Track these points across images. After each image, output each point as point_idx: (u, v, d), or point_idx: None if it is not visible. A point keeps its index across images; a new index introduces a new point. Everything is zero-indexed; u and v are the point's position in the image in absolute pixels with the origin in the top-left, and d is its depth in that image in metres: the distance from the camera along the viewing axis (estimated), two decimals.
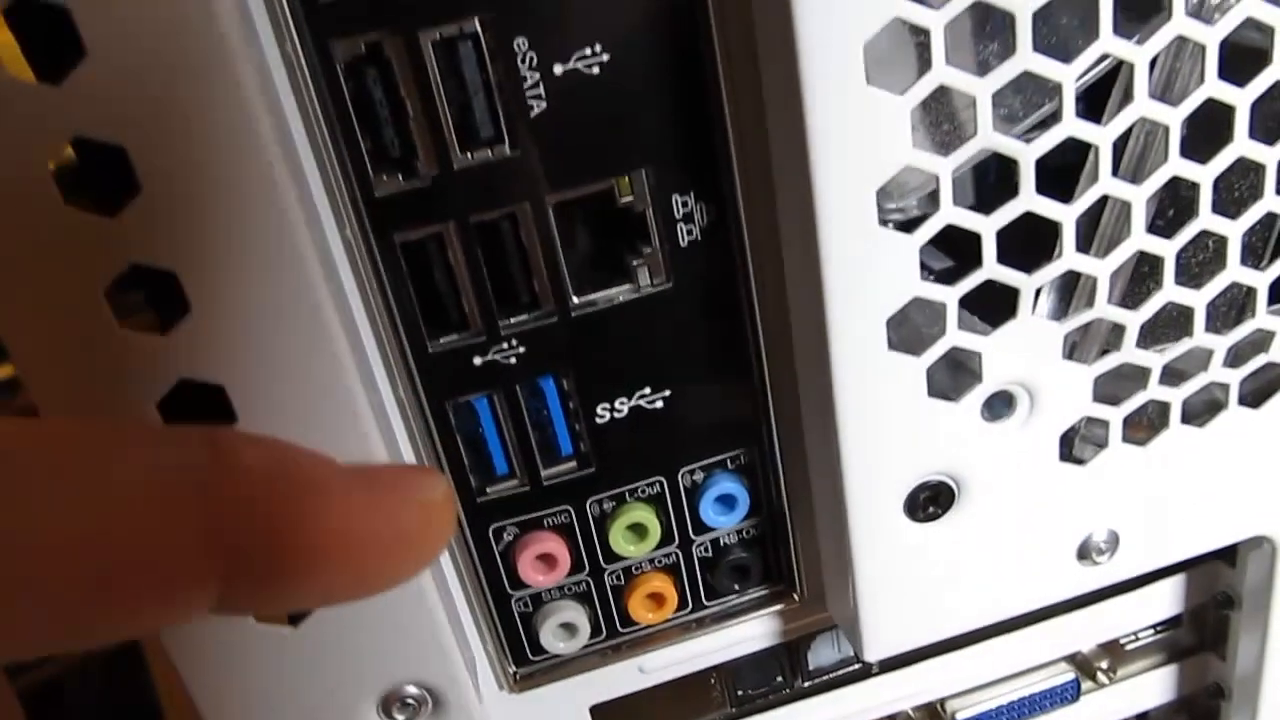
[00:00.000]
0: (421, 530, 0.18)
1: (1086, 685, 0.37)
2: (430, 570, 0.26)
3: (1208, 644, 0.38)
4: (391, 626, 0.26)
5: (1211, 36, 0.24)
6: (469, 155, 0.24)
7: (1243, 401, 0.29)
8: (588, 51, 0.23)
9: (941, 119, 0.26)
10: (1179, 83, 0.25)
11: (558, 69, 0.23)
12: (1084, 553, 0.30)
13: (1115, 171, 0.25)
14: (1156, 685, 0.38)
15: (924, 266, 0.29)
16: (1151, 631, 0.38)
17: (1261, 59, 0.24)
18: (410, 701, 0.27)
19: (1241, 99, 0.24)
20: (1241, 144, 0.25)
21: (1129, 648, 0.38)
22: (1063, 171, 0.25)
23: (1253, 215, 0.26)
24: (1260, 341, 0.29)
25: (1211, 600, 0.37)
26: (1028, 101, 0.26)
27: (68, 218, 0.20)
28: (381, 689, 0.27)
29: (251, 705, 0.26)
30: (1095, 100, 0.26)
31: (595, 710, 0.33)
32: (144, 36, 0.19)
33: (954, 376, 0.26)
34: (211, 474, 0.16)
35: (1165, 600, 0.37)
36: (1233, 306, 0.29)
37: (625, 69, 0.23)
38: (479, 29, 0.22)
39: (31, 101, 0.19)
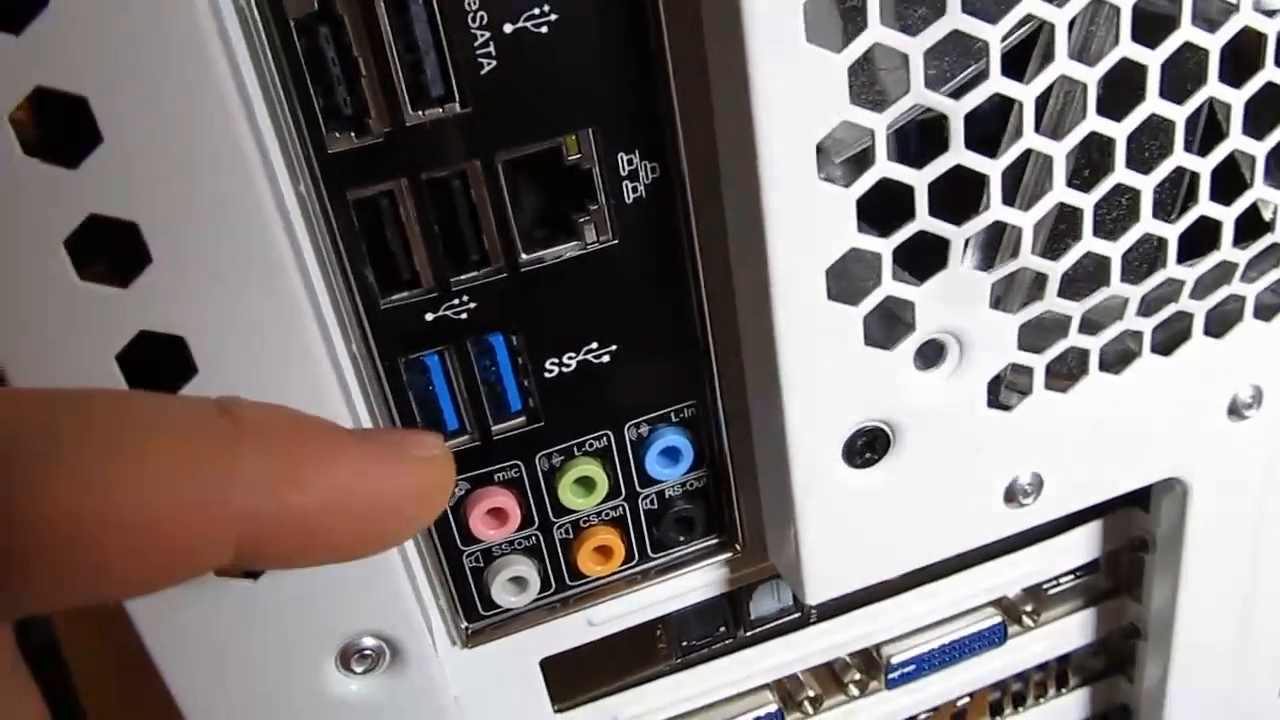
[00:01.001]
0: (423, 484, 0.19)
1: (1012, 629, 0.39)
2: None
3: (1124, 587, 0.40)
4: (350, 577, 0.26)
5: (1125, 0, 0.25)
6: (420, 113, 0.24)
7: (1154, 349, 0.31)
8: (536, 11, 0.24)
9: (863, 88, 0.27)
10: (1095, 45, 0.27)
11: (507, 28, 0.24)
12: (1010, 496, 0.31)
13: (1037, 128, 0.26)
14: (1077, 627, 0.40)
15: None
16: (1071, 576, 0.40)
17: (1169, 25, 0.26)
18: (369, 653, 0.28)
19: (1153, 59, 0.26)
20: (1153, 103, 0.27)
21: (1051, 592, 0.40)
22: (986, 140, 0.26)
23: (1163, 171, 0.28)
24: (1170, 293, 0.30)
25: (1127, 544, 0.39)
26: (954, 64, 0.27)
27: (27, 169, 0.20)
28: (340, 641, 0.28)
29: (211, 660, 0.27)
30: (1016, 65, 0.27)
31: (545, 663, 0.34)
32: None
33: (889, 326, 0.28)
34: (227, 438, 0.16)
35: (1084, 546, 0.39)
36: (1145, 260, 0.31)
37: (573, 29, 0.24)
38: None
39: None
